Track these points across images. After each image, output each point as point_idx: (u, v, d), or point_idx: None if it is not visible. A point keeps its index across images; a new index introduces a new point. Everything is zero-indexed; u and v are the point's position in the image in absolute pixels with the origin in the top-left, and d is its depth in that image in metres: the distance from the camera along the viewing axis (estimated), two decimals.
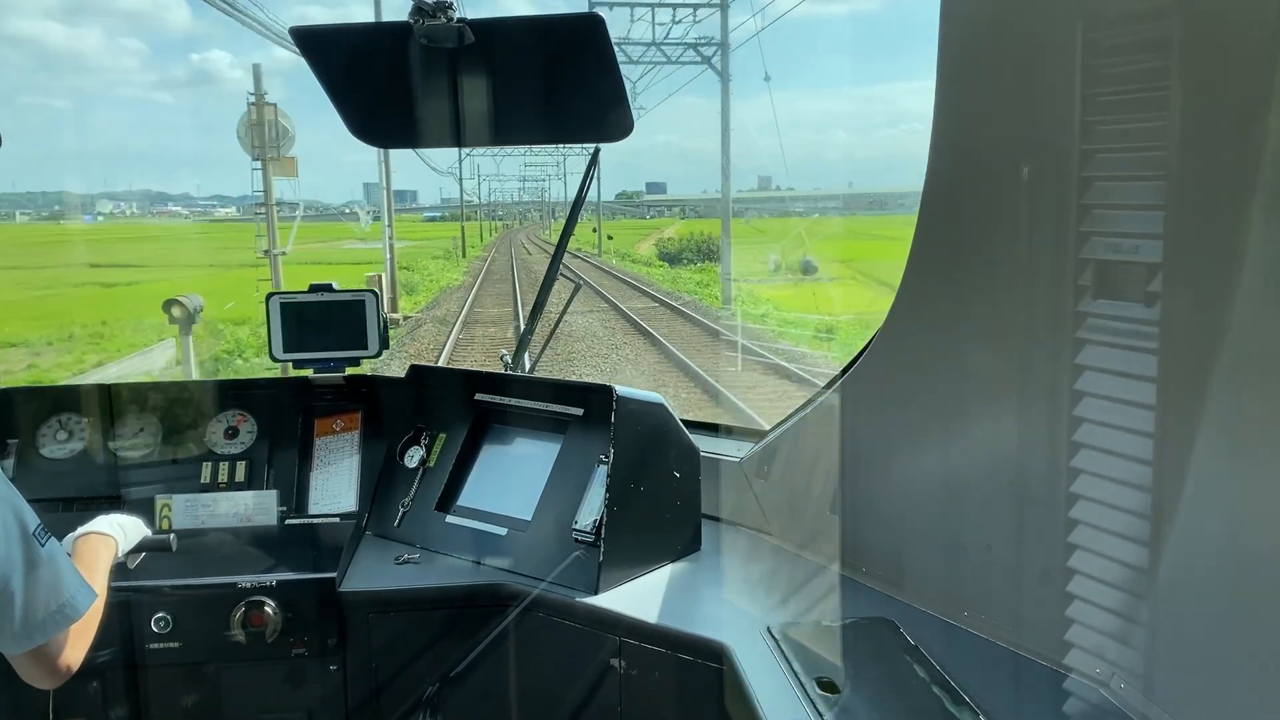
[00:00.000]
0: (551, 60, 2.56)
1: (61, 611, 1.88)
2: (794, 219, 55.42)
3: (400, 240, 66.67)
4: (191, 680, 2.49)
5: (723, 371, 17.12)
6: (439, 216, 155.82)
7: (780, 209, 68.53)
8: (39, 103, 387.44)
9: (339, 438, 3.00)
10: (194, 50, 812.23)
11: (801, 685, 1.97)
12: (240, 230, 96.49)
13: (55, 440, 2.90)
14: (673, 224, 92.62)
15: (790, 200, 73.45)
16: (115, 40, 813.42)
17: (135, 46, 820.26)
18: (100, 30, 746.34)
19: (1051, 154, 1.83)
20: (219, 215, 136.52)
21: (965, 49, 1.99)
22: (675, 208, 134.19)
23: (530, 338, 3.22)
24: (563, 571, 2.47)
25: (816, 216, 59.65)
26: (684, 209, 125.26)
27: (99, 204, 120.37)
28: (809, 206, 70.42)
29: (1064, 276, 1.85)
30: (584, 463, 2.65)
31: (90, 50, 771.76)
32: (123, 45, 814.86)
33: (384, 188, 28.57)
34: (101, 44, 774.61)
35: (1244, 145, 1.48)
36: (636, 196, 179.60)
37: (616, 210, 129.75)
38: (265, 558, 2.59)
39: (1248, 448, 1.55)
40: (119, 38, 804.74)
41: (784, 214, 64.35)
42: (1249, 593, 1.55)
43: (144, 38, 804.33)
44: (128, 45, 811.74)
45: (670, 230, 77.74)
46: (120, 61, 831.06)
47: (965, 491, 2.16)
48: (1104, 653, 1.88)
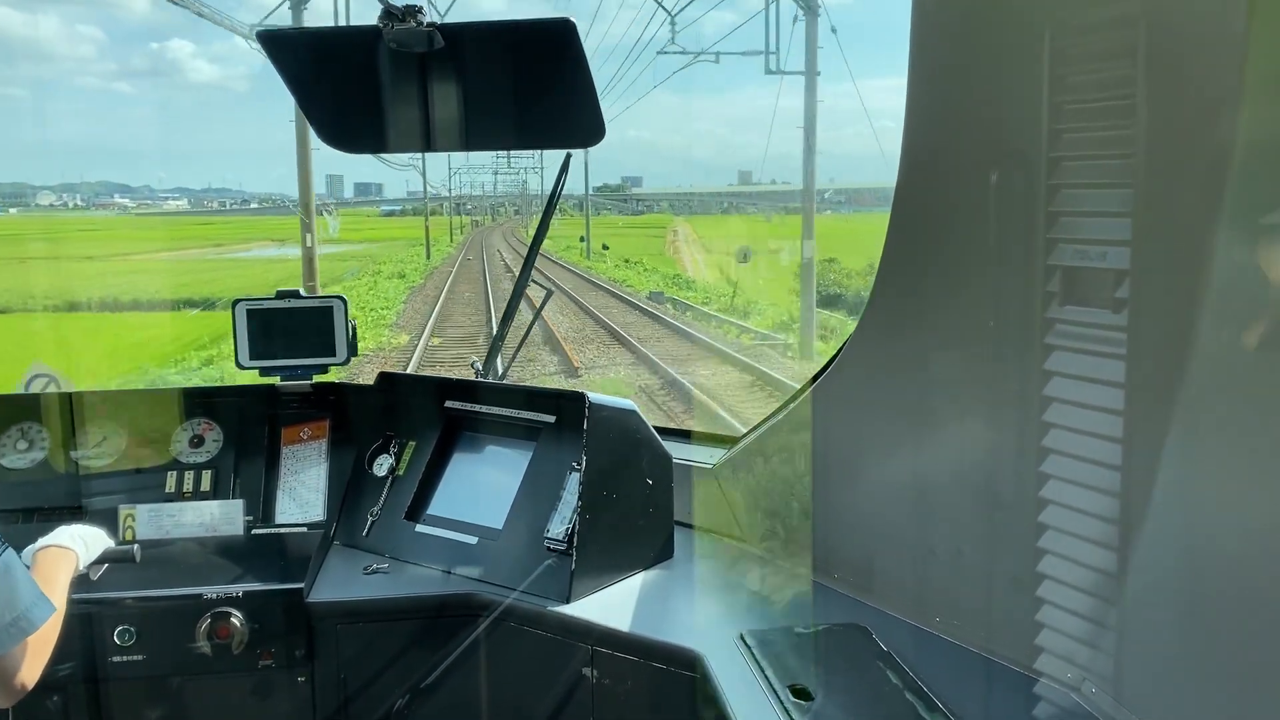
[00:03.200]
0: (522, 65, 2.55)
1: (16, 624, 1.83)
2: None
3: (350, 243, 60.27)
4: (156, 693, 2.45)
5: None
6: (398, 210, 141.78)
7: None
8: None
9: (306, 446, 2.96)
10: (154, 39, 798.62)
11: (775, 692, 1.97)
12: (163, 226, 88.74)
13: (15, 449, 2.84)
14: (669, 221, 73.67)
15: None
16: (73, 28, 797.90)
17: (93, 34, 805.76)
18: (58, 18, 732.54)
19: (1020, 162, 1.84)
20: (168, 208, 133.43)
21: (935, 58, 2.00)
22: (663, 201, 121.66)
23: (501, 344, 3.20)
24: (534, 580, 2.45)
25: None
26: (671, 203, 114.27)
27: (40, 195, 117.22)
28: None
29: (1032, 283, 1.86)
30: (556, 470, 2.64)
31: (47, 38, 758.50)
32: (81, 33, 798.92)
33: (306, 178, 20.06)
34: (59, 32, 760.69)
35: (1209, 152, 1.49)
36: (623, 189, 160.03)
37: (599, 204, 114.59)
38: (232, 568, 2.55)
39: (1211, 453, 1.56)
40: (77, 25, 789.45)
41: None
42: (1212, 596, 1.57)
43: (103, 26, 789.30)
44: (85, 33, 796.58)
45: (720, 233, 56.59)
46: (78, 50, 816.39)
47: (936, 497, 2.17)
48: (1074, 657, 1.89)
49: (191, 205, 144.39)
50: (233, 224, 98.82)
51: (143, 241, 64.40)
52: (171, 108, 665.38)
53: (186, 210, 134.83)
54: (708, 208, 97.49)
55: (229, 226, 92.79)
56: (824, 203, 44.73)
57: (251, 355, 2.92)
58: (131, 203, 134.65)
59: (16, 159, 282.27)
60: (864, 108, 27.46)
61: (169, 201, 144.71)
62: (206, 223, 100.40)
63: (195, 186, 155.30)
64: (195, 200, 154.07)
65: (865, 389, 2.37)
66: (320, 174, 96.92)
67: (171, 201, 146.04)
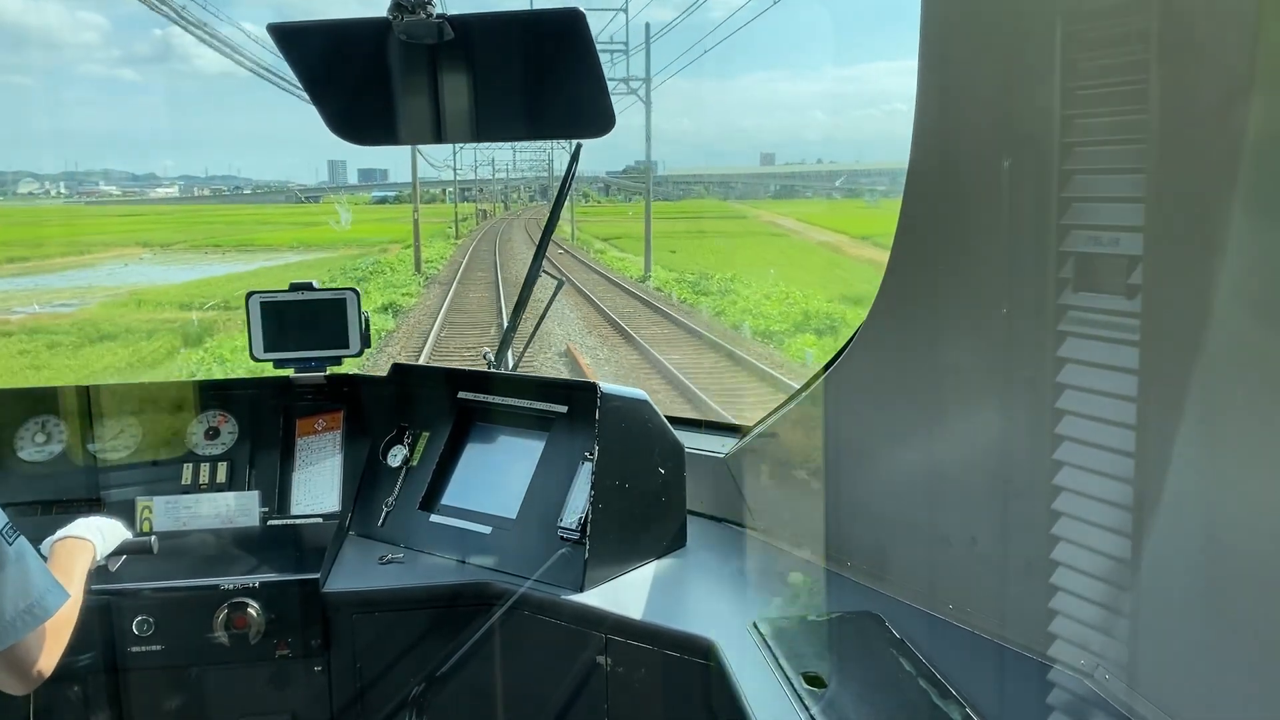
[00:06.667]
0: (532, 56, 2.55)
1: (30, 611, 1.84)
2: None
3: (309, 250, 48.17)
4: (174, 683, 2.47)
5: None
6: (391, 197, 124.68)
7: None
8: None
9: (321, 437, 2.98)
10: (157, 25, 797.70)
11: (788, 680, 1.97)
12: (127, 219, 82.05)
13: (34, 443, 2.87)
14: (713, 207, 58.92)
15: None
16: (75, 15, 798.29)
17: (96, 20, 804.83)
18: (60, 5, 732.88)
19: (1032, 148, 1.84)
20: (153, 196, 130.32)
21: (946, 44, 1.99)
22: (697, 185, 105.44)
23: (513, 335, 3.21)
24: (548, 569, 2.46)
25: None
26: (706, 186, 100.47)
27: (21, 183, 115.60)
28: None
29: (1045, 270, 1.85)
30: (568, 460, 2.65)
31: (52, 26, 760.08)
32: (83, 20, 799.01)
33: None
34: (61, 20, 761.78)
35: (1223, 138, 1.48)
36: (643, 171, 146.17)
37: (629, 189, 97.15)
38: (248, 559, 2.57)
39: (1227, 439, 1.56)
40: (79, 12, 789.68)
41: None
42: (1229, 583, 1.56)
43: (105, 11, 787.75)
44: (88, 19, 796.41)
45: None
46: (81, 37, 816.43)
47: (949, 485, 2.17)
48: (1088, 644, 1.89)
49: (181, 193, 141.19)
50: (212, 215, 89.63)
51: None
52: (178, 95, 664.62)
53: (175, 198, 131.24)
54: (754, 191, 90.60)
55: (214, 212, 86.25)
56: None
57: (266, 347, 2.93)
58: (118, 190, 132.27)
59: (18, 147, 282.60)
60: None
61: (157, 189, 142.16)
62: (160, 214, 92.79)
63: (200, 174, 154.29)
64: (185, 189, 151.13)
65: (877, 376, 2.37)
66: (322, 160, 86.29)
67: (160, 189, 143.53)
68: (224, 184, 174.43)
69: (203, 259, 46.90)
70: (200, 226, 74.50)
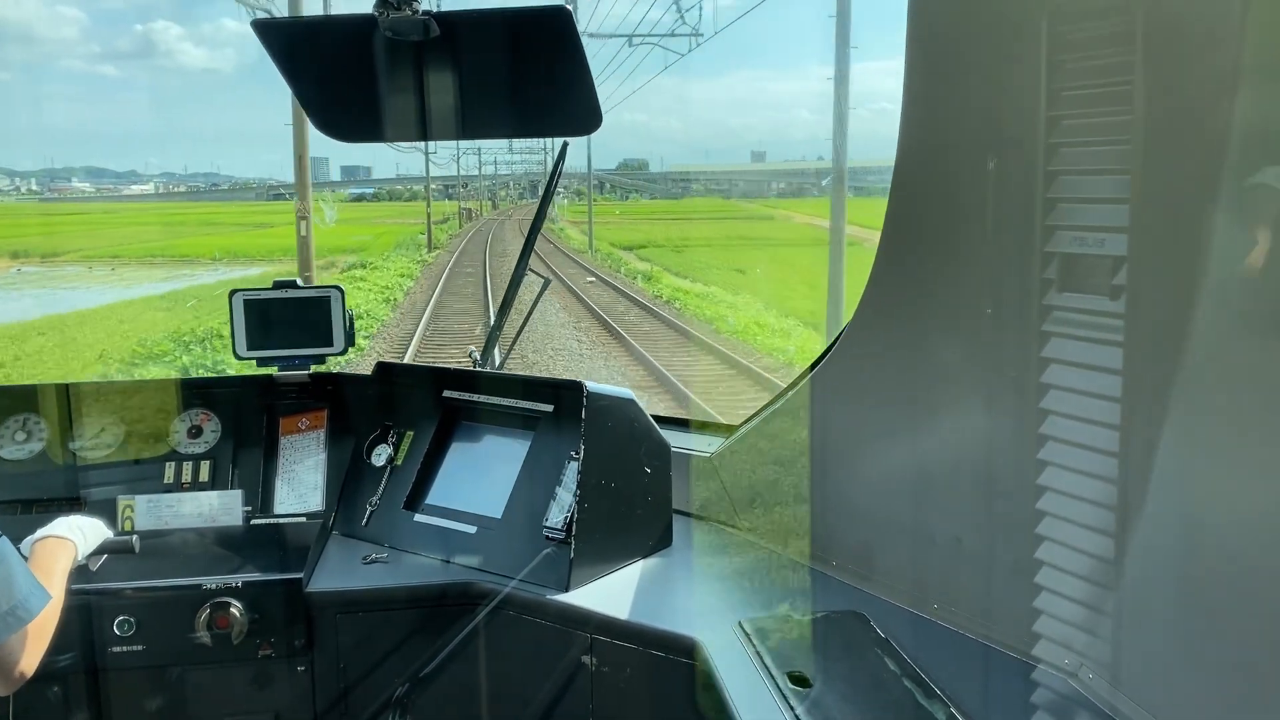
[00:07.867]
0: (519, 53, 2.54)
1: (13, 613, 1.83)
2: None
3: (243, 264, 37.86)
4: (156, 684, 2.45)
5: None
6: (370, 194, 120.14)
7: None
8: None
9: (304, 436, 2.96)
10: (139, 20, 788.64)
11: (773, 679, 1.97)
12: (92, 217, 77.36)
13: (13, 441, 2.84)
14: (716, 206, 54.20)
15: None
16: (54, 9, 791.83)
17: (75, 15, 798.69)
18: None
19: (1017, 148, 1.84)
20: (128, 193, 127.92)
21: (932, 43, 1.99)
22: (695, 182, 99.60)
23: (499, 333, 3.20)
24: (533, 569, 2.45)
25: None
26: (704, 184, 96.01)
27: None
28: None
29: (1030, 270, 1.86)
30: (554, 459, 2.64)
31: (29, 19, 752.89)
32: (63, 14, 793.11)
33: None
34: (39, 13, 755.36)
35: (1207, 139, 1.49)
36: (639, 167, 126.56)
37: (626, 187, 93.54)
38: (231, 558, 2.55)
39: (1210, 439, 1.57)
40: (58, 6, 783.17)
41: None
42: (1209, 582, 1.57)
43: (84, 7, 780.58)
44: (67, 14, 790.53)
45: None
46: (60, 32, 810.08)
47: (934, 484, 2.17)
48: (1072, 643, 1.89)
49: (157, 190, 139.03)
50: (152, 215, 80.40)
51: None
52: (160, 91, 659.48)
53: (150, 195, 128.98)
54: (759, 190, 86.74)
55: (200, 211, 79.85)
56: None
57: (249, 345, 2.91)
58: (91, 188, 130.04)
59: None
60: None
61: (133, 186, 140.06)
62: (108, 212, 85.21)
63: (180, 171, 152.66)
64: (163, 185, 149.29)
65: (863, 376, 2.37)
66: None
67: (135, 186, 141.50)
68: (203, 181, 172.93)
69: (83, 277, 37.31)
70: (130, 228, 63.76)
